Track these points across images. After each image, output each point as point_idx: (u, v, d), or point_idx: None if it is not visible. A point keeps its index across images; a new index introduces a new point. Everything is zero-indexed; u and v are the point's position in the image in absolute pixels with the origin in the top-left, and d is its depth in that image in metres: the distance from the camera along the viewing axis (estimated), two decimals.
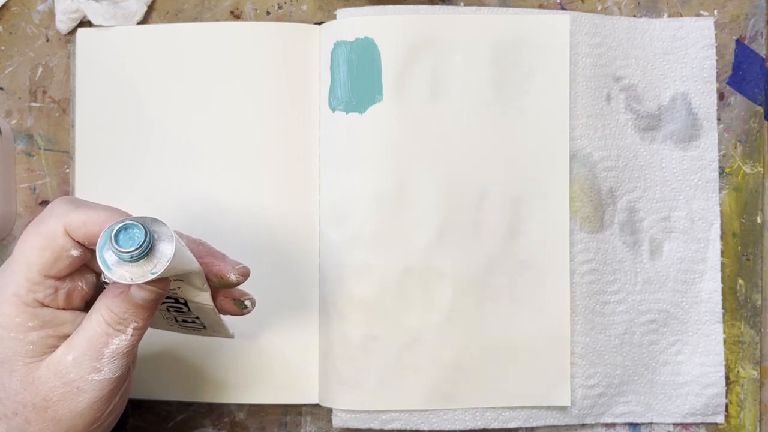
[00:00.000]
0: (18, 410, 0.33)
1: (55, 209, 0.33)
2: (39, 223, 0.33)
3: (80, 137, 0.46)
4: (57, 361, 0.33)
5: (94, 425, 0.34)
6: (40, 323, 0.33)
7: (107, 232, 0.31)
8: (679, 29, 0.47)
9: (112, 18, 0.46)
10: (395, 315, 0.44)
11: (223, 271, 0.36)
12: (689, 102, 0.47)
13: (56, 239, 0.33)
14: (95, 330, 0.33)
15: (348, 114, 0.45)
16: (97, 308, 0.33)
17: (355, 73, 0.45)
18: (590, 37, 0.46)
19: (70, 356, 0.33)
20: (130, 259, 0.30)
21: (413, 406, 0.45)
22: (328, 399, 0.45)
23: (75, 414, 0.33)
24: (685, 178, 0.47)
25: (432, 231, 0.45)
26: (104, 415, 0.34)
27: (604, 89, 0.46)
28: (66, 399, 0.33)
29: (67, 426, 0.33)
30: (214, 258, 0.36)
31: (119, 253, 0.30)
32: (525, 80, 0.45)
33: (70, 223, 0.33)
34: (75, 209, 0.33)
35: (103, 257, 0.31)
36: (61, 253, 0.33)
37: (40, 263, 0.33)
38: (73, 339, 0.33)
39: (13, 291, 0.33)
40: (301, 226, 0.46)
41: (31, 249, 0.33)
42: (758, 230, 0.47)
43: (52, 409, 0.33)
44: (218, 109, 0.46)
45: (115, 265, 0.31)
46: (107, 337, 0.33)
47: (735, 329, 0.47)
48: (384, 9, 0.45)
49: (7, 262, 0.34)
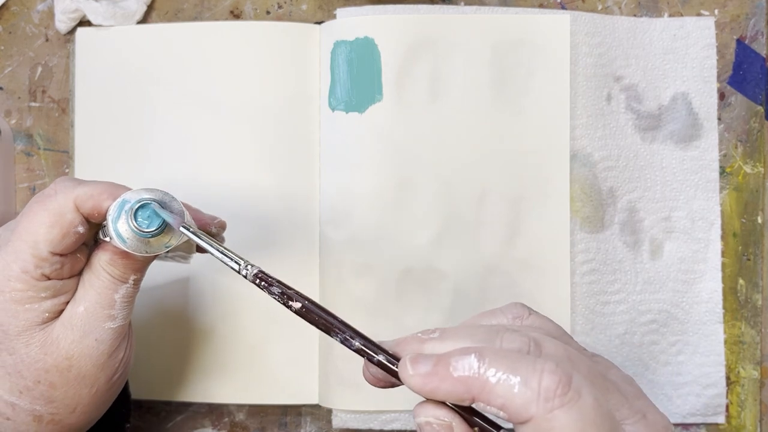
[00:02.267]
0: (41, 377, 0.33)
1: (59, 186, 0.34)
2: (45, 199, 0.33)
3: (80, 137, 0.46)
4: (69, 315, 0.34)
5: (114, 377, 0.35)
6: (51, 293, 0.34)
7: (119, 206, 0.33)
8: (680, 29, 0.46)
9: (111, 18, 0.46)
10: (395, 315, 0.44)
11: (205, 225, 0.38)
12: (690, 102, 0.46)
13: (65, 215, 0.33)
14: (102, 282, 0.34)
15: (348, 114, 0.45)
16: (99, 264, 0.34)
17: (355, 72, 0.44)
18: (590, 36, 0.46)
19: (81, 307, 0.34)
20: (149, 236, 0.33)
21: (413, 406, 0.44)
22: (328, 399, 0.45)
23: (97, 367, 0.34)
24: (686, 178, 0.47)
25: (432, 231, 0.45)
26: (121, 365, 0.35)
27: (604, 89, 0.46)
28: (86, 352, 0.34)
29: (91, 382, 0.34)
30: (195, 213, 0.38)
31: (139, 231, 0.32)
32: (525, 80, 0.45)
33: (78, 197, 0.33)
34: (79, 185, 0.34)
35: (117, 230, 0.33)
36: (69, 230, 0.33)
37: (48, 240, 0.33)
38: (80, 293, 0.34)
39: (21, 268, 0.33)
40: (301, 225, 0.46)
41: (39, 225, 0.33)
42: (759, 230, 0.47)
43: (76, 367, 0.34)
44: (218, 108, 0.46)
45: (130, 239, 0.33)
46: (115, 287, 0.34)
47: (735, 329, 0.46)
48: (384, 9, 0.45)
49: (10, 239, 0.33)
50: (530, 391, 0.25)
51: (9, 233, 0.34)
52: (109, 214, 0.33)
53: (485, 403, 0.26)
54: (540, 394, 0.25)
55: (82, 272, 0.35)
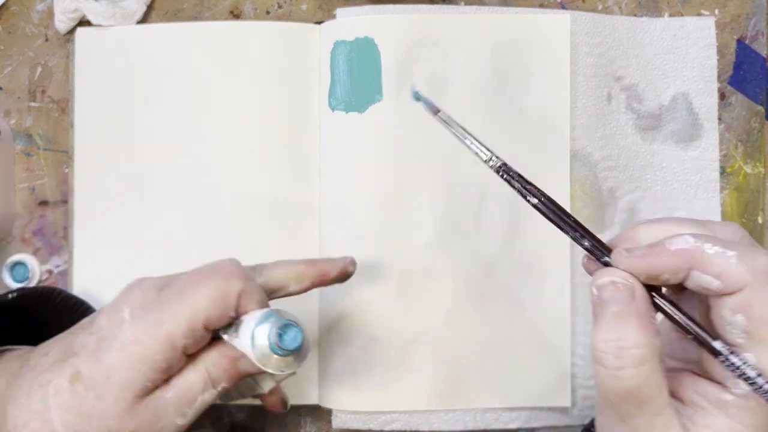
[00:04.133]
0: None
1: (234, 270, 0.35)
2: (220, 275, 0.34)
3: (79, 137, 0.46)
4: (155, 396, 0.33)
5: None
6: (168, 366, 0.33)
7: (265, 315, 0.34)
8: (680, 29, 0.46)
9: (111, 18, 0.46)
10: (395, 315, 0.44)
11: (346, 267, 0.39)
12: (690, 102, 0.46)
13: (230, 299, 0.34)
14: (196, 378, 0.34)
15: (348, 114, 0.44)
16: (203, 360, 0.34)
17: (355, 72, 0.44)
18: (591, 36, 0.45)
19: (169, 393, 0.33)
20: (284, 354, 0.34)
21: (413, 407, 0.44)
22: (328, 399, 0.45)
23: None
24: (686, 178, 0.46)
25: (432, 231, 0.45)
26: None
27: (604, 89, 0.46)
28: None
29: None
30: (326, 264, 0.39)
31: (278, 348, 0.34)
32: (525, 80, 0.45)
33: (245, 291, 0.34)
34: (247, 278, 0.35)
35: (254, 334, 0.34)
36: (226, 313, 0.34)
37: (208, 316, 0.33)
38: (174, 380, 0.34)
39: (168, 331, 0.33)
40: (301, 225, 0.46)
41: (206, 299, 0.33)
42: (759, 230, 0.47)
43: None
44: (218, 108, 0.45)
45: (259, 348, 0.34)
46: (204, 388, 0.34)
47: None
48: (384, 8, 0.45)
49: (172, 297, 0.34)
50: (745, 265, 0.27)
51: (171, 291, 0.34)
52: (253, 318, 0.34)
53: (702, 272, 0.28)
54: (755, 268, 0.27)
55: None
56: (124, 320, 0.33)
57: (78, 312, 0.41)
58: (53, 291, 0.40)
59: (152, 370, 0.33)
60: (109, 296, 0.43)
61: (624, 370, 0.27)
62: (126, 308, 0.34)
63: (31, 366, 0.34)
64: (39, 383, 0.33)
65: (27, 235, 0.47)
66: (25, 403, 0.32)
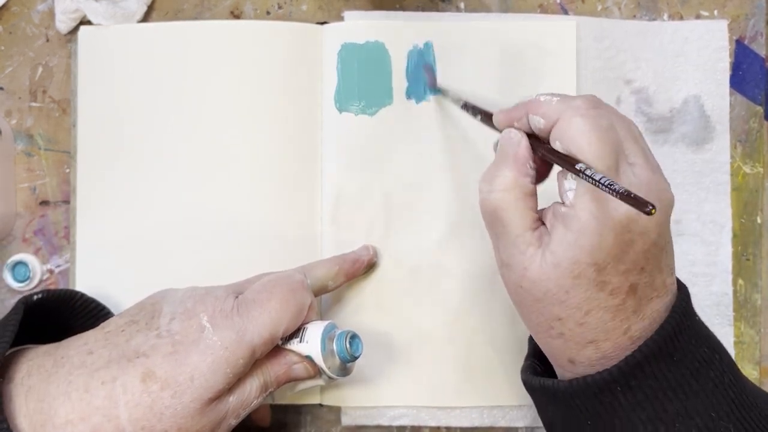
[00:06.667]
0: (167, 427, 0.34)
1: (306, 283, 0.39)
2: (297, 289, 0.38)
3: (81, 136, 0.46)
4: (223, 399, 0.35)
5: None
6: (245, 372, 0.36)
7: (332, 326, 0.38)
8: (692, 32, 0.46)
9: (111, 18, 0.46)
10: (403, 312, 0.45)
11: (371, 259, 0.44)
12: (702, 104, 0.46)
13: (304, 312, 0.38)
14: (256, 383, 0.37)
15: (357, 116, 0.45)
16: (262, 366, 0.37)
17: (365, 75, 0.45)
18: (598, 41, 0.46)
19: (232, 397, 0.36)
20: (346, 360, 0.38)
21: (421, 403, 0.45)
22: (336, 397, 0.45)
23: None
24: (697, 181, 0.46)
25: (439, 232, 0.45)
26: None
27: (614, 92, 0.46)
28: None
29: None
30: (355, 261, 0.43)
31: (347, 354, 0.38)
32: (533, 86, 0.45)
33: (312, 304, 0.38)
34: (311, 292, 0.39)
35: (324, 342, 0.37)
36: (300, 324, 0.38)
37: (287, 328, 0.37)
38: (237, 385, 0.36)
39: (251, 339, 0.35)
40: (301, 226, 0.46)
41: (288, 312, 0.36)
42: (758, 230, 0.47)
43: None
44: (219, 107, 0.45)
45: (327, 353, 0.37)
46: (260, 393, 0.37)
47: (735, 329, 0.47)
48: (395, 14, 0.46)
49: (254, 307, 0.36)
50: (562, 104, 0.33)
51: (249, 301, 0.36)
52: (319, 327, 0.38)
53: (533, 114, 0.34)
54: (570, 106, 0.33)
55: None
56: (204, 326, 0.35)
57: (97, 315, 0.41)
58: (75, 294, 0.41)
59: (234, 374, 0.35)
60: (110, 296, 0.44)
61: (493, 193, 0.34)
62: (204, 315, 0.35)
63: (76, 364, 0.34)
64: (99, 380, 0.33)
65: (28, 234, 0.47)
66: (85, 398, 0.33)
